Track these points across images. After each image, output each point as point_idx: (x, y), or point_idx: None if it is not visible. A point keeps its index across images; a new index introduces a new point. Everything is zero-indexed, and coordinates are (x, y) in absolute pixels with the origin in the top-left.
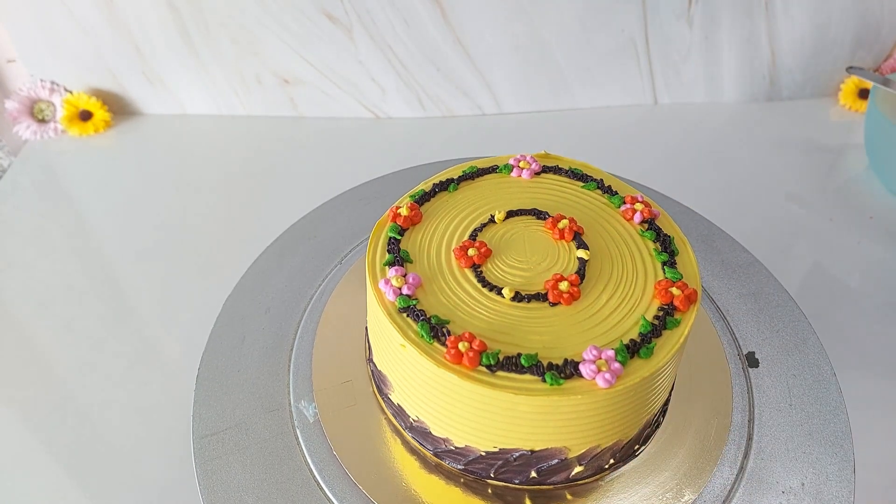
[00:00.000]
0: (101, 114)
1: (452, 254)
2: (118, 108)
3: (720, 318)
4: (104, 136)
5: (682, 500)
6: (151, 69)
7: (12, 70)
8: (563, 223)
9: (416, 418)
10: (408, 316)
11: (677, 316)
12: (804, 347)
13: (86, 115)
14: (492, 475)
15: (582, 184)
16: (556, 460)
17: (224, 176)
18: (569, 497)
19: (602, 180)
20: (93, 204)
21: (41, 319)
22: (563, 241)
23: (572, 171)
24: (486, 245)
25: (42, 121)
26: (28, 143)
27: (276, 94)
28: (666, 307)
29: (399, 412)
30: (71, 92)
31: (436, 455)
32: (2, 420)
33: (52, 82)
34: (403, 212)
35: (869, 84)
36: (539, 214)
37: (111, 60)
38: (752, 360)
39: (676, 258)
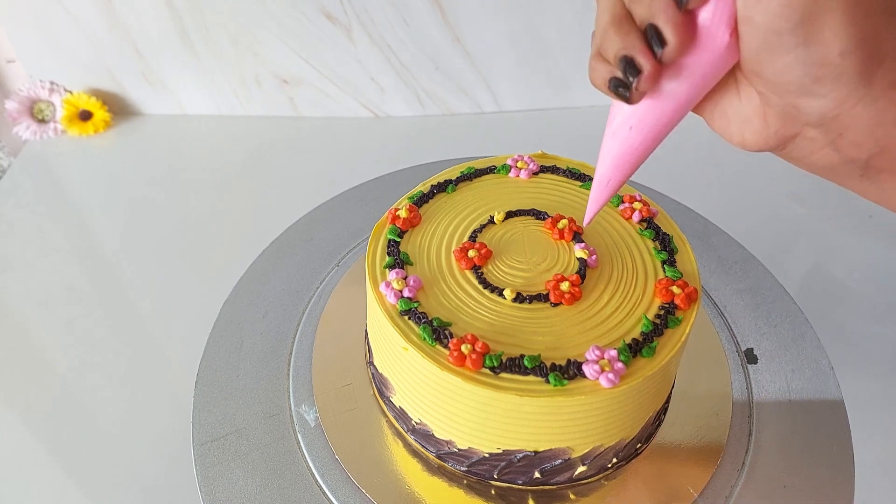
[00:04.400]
0: (100, 114)
1: (452, 255)
2: (118, 108)
3: (718, 315)
4: (104, 136)
5: (685, 497)
6: (151, 69)
7: (12, 70)
8: (563, 223)
9: (418, 421)
10: (409, 319)
11: (678, 314)
12: (801, 342)
13: (86, 115)
14: (495, 476)
15: (580, 183)
16: (560, 460)
17: (224, 176)
18: (572, 497)
19: None
20: (93, 204)
21: (41, 319)
22: (563, 241)
23: (570, 171)
24: (486, 246)
25: (42, 121)
26: (28, 144)
27: (275, 94)
28: (667, 306)
29: (401, 415)
30: (71, 92)
31: (439, 457)
32: (2, 420)
33: (52, 82)
34: (402, 214)
35: None
36: (538, 214)
37: (111, 61)
38: (750, 357)
39: (676, 256)
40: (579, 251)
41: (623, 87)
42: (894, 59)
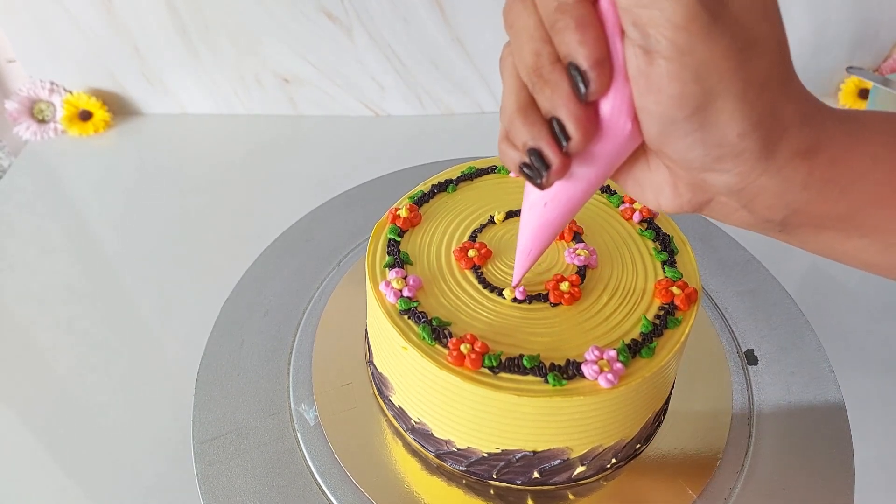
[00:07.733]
0: (101, 114)
1: (452, 255)
2: (118, 108)
3: (718, 316)
4: (104, 136)
5: (684, 499)
6: (151, 69)
7: (12, 70)
8: None
9: (417, 420)
10: (409, 318)
11: (678, 315)
12: (802, 344)
13: (86, 116)
14: (494, 476)
15: None
16: (559, 461)
17: (224, 175)
18: (571, 497)
19: None
20: (93, 204)
21: (41, 319)
22: (563, 241)
23: None
24: (486, 246)
25: (42, 121)
26: (28, 144)
27: (275, 93)
28: (666, 306)
29: (400, 414)
30: (71, 92)
31: (438, 457)
32: (2, 420)
33: (52, 82)
34: (402, 213)
35: (869, 84)
36: None
37: (110, 61)
38: (751, 358)
39: (676, 257)
40: (579, 251)
41: (535, 173)
42: (798, 127)
